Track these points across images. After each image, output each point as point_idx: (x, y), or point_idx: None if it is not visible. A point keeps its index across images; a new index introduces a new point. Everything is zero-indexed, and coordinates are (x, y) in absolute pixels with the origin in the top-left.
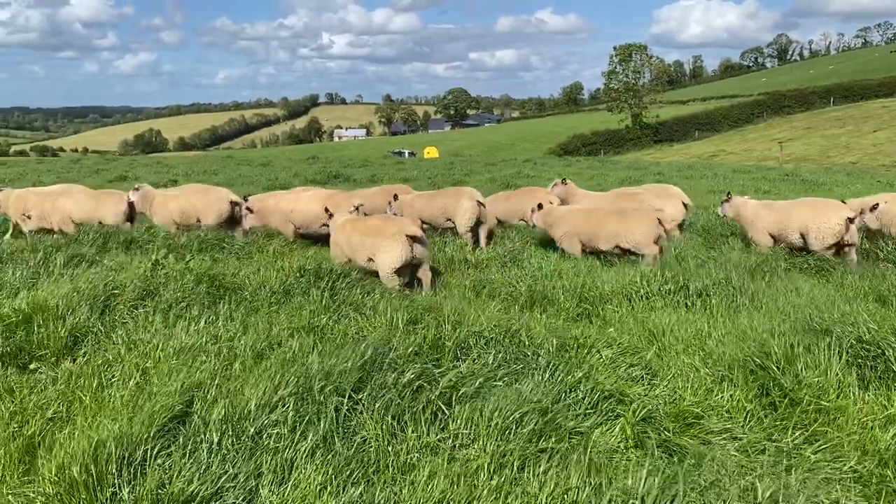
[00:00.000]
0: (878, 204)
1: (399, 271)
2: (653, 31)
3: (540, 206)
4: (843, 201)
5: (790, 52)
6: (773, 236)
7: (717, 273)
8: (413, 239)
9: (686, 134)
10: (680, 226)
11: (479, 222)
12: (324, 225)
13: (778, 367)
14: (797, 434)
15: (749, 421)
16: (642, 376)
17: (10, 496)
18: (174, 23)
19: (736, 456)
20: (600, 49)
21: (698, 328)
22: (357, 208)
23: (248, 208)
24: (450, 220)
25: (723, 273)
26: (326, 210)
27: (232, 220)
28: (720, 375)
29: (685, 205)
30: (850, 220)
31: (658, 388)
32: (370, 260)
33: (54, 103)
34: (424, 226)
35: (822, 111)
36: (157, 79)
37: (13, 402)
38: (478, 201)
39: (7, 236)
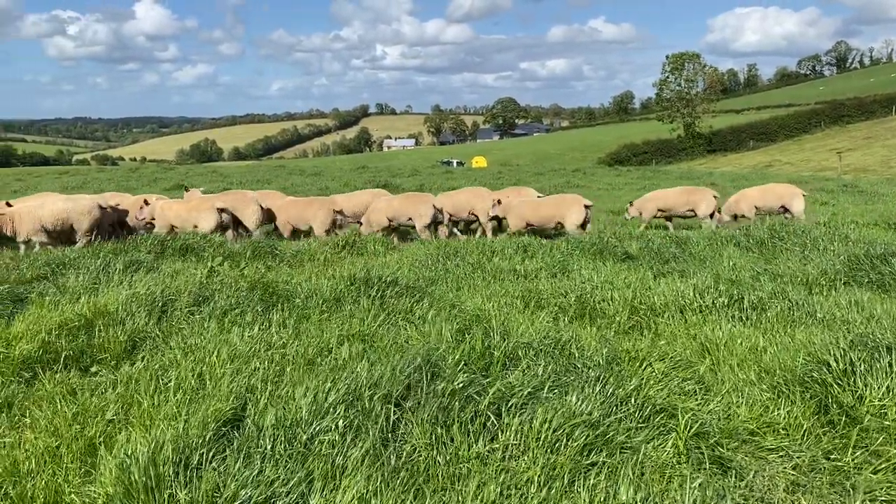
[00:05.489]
0: (499, 200)
1: (214, 230)
2: (708, 39)
3: (146, 202)
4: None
5: (850, 60)
6: (451, 214)
7: (773, 286)
8: (221, 210)
9: (740, 143)
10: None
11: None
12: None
13: (837, 384)
14: (857, 454)
15: (806, 439)
16: (695, 391)
17: (72, 495)
18: (233, 35)
19: (792, 474)
20: (653, 58)
21: (753, 342)
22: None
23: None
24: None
25: (779, 286)
26: (145, 201)
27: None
28: (777, 391)
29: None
30: (498, 203)
31: (711, 404)
32: (195, 226)
33: (115, 114)
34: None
35: (884, 120)
36: (213, 90)
37: (76, 403)
38: (261, 206)
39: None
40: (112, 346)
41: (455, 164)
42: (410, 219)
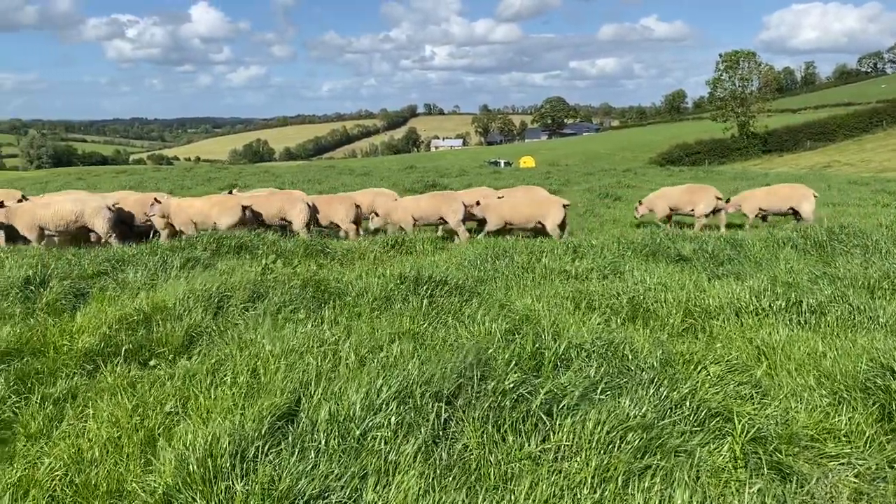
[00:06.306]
0: (479, 202)
1: (235, 227)
2: (763, 37)
3: (157, 200)
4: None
5: None
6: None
7: (833, 289)
8: (244, 208)
9: (797, 143)
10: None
11: (312, 220)
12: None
13: None
14: None
15: (869, 446)
16: (752, 395)
17: (133, 484)
18: (285, 37)
19: (855, 482)
20: (706, 56)
21: (812, 346)
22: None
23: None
24: (284, 219)
25: (838, 289)
26: (156, 199)
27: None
28: (837, 397)
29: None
30: (357, 208)
31: (769, 408)
32: (215, 223)
33: (170, 114)
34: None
35: None
36: (265, 91)
37: (135, 395)
38: (307, 203)
39: None
40: (170, 341)
41: (503, 164)
42: (440, 217)
